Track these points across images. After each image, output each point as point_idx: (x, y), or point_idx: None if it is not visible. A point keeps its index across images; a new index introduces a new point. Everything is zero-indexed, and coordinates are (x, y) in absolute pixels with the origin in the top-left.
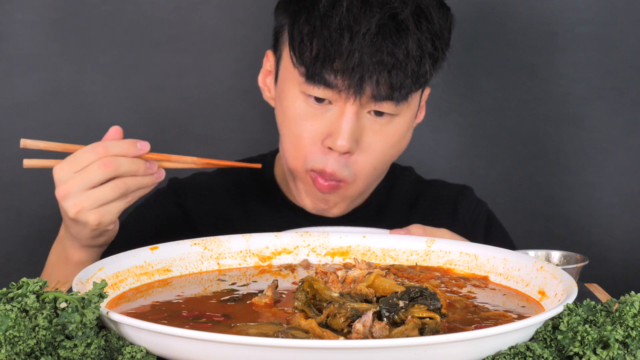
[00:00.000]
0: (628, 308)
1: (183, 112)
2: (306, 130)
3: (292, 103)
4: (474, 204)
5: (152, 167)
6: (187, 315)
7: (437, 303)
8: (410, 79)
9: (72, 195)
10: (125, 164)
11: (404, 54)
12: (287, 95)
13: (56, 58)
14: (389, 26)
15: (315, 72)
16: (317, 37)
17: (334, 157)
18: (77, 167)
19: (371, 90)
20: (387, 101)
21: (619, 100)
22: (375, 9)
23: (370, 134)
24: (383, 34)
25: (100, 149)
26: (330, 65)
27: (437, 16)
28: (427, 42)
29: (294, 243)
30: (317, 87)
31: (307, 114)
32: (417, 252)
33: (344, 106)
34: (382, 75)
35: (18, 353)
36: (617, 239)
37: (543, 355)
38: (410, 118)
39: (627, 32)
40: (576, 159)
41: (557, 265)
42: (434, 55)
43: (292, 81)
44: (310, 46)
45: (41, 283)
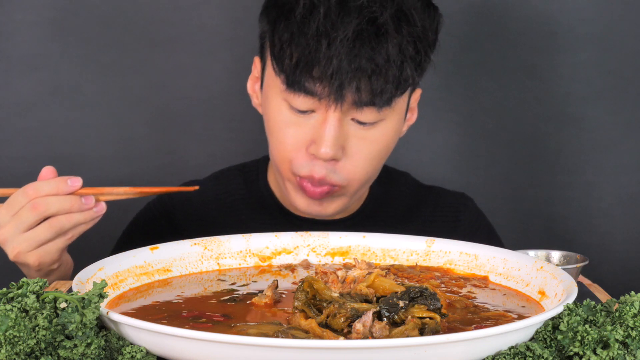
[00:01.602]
0: (628, 308)
1: (183, 112)
2: (290, 138)
3: (276, 111)
4: (475, 216)
5: (89, 202)
6: (187, 315)
7: (437, 303)
8: (391, 84)
9: (10, 239)
10: (56, 203)
11: (384, 59)
12: (270, 103)
13: (56, 58)
14: (367, 31)
15: (295, 80)
16: (295, 44)
17: (320, 164)
18: (12, 211)
19: (352, 96)
20: (369, 107)
21: (619, 100)
22: (353, 13)
23: (354, 140)
24: (361, 39)
25: (31, 191)
26: (309, 72)
27: (420, 17)
28: (408, 46)
29: (294, 243)
30: (298, 95)
31: (291, 121)
32: (417, 252)
33: (326, 113)
34: (362, 81)
35: (18, 353)
36: (617, 239)
37: (543, 355)
38: (397, 122)
39: (627, 32)
40: (576, 159)
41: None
42: (416, 59)
43: (275, 89)
44: (289, 53)
45: (41, 283)
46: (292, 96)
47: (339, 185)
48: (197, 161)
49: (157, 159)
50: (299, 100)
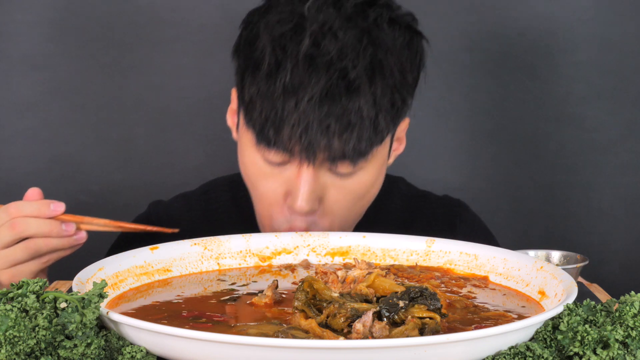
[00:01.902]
0: (628, 308)
1: (183, 112)
2: (268, 191)
3: (250, 162)
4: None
5: (69, 229)
6: (187, 315)
7: (437, 303)
8: (364, 140)
9: None
10: (35, 225)
11: (356, 116)
12: (245, 153)
13: (56, 58)
14: (338, 87)
15: (264, 137)
16: (262, 100)
17: (299, 217)
18: None
19: (323, 155)
20: (343, 161)
21: (619, 100)
22: (322, 69)
23: (332, 190)
24: (331, 96)
25: (13, 210)
26: (278, 131)
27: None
28: (383, 99)
29: (294, 243)
30: (270, 150)
31: (266, 173)
32: (417, 252)
33: (300, 168)
34: (333, 140)
35: (18, 353)
36: (617, 239)
37: (543, 355)
38: (378, 168)
39: (627, 32)
40: (576, 159)
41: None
42: (392, 111)
43: (247, 138)
44: (258, 109)
45: (41, 283)
46: (265, 150)
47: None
48: (197, 161)
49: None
50: (271, 154)
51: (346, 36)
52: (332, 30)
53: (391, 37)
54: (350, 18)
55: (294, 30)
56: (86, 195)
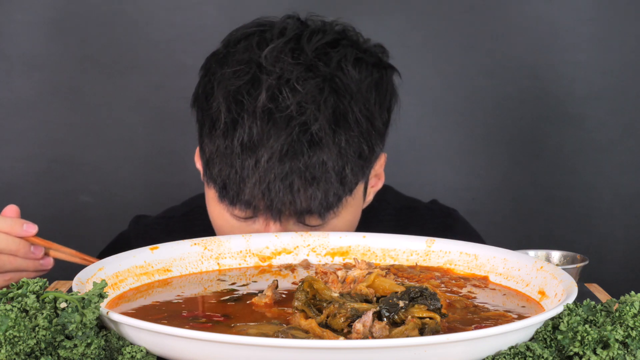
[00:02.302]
0: (628, 308)
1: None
2: None
3: (217, 217)
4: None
5: (37, 253)
6: (187, 315)
7: (437, 303)
8: (331, 194)
9: None
10: (4, 242)
11: (320, 170)
12: (211, 207)
13: (56, 58)
14: (299, 142)
15: (226, 195)
16: (221, 158)
17: None
18: None
19: (289, 211)
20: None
21: (619, 100)
22: (281, 125)
23: None
24: (293, 152)
25: None
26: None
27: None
28: (349, 150)
29: (294, 243)
30: (234, 207)
31: (233, 227)
32: (417, 252)
33: (268, 223)
34: (297, 197)
35: (18, 353)
36: (617, 239)
37: (543, 355)
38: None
39: (627, 32)
40: (576, 159)
41: (557, 265)
42: (359, 161)
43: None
44: (218, 166)
45: (41, 283)
46: (228, 206)
47: None
48: None
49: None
50: (236, 210)
51: (305, 87)
52: (289, 83)
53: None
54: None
55: (251, 83)
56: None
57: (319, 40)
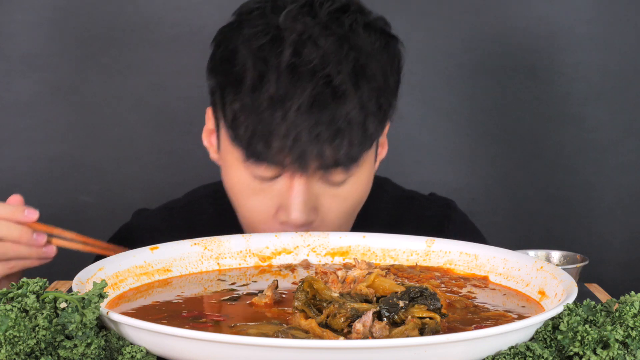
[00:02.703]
0: (628, 308)
1: (183, 112)
2: (257, 207)
3: (236, 180)
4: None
5: (39, 239)
6: (187, 315)
7: (437, 303)
8: (355, 145)
9: None
10: (5, 228)
11: (345, 122)
12: (230, 171)
13: (56, 58)
14: (324, 94)
15: (253, 153)
16: (248, 116)
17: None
18: None
19: (316, 163)
20: (335, 169)
21: (619, 100)
22: (306, 78)
23: (325, 198)
24: (319, 104)
25: None
26: (267, 144)
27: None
28: (369, 102)
29: (294, 243)
30: (259, 165)
31: (254, 190)
32: (417, 252)
33: (291, 180)
34: (324, 147)
35: (18, 353)
36: (617, 239)
37: (543, 355)
38: (368, 173)
39: (627, 32)
40: (576, 159)
41: (557, 265)
42: (378, 114)
43: (233, 156)
44: (244, 124)
45: (41, 283)
46: (254, 166)
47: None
48: (197, 161)
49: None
50: (261, 169)
51: (327, 43)
52: (311, 38)
53: (369, 42)
54: (327, 25)
55: (273, 42)
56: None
57: (330, 6)
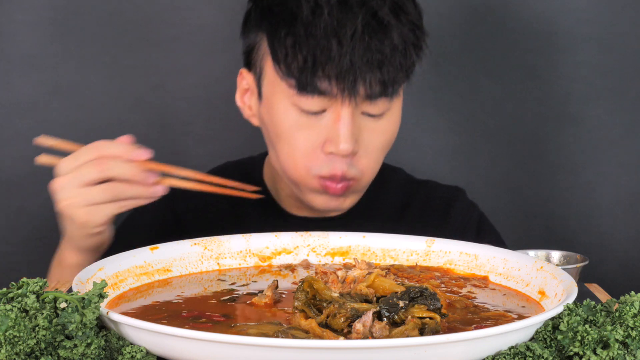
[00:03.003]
0: (628, 308)
1: (183, 112)
2: (303, 141)
3: (284, 117)
4: (466, 207)
5: (150, 178)
6: (187, 315)
7: (437, 303)
8: (400, 72)
9: (65, 189)
10: (118, 167)
11: (390, 49)
12: (277, 110)
13: (56, 58)
14: (372, 24)
15: (306, 82)
16: (303, 47)
17: (339, 160)
18: (76, 163)
19: (365, 90)
20: (380, 98)
21: (619, 100)
22: (355, 9)
23: (367, 132)
24: (368, 32)
25: (97, 149)
26: (321, 72)
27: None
28: (408, 34)
29: (294, 243)
30: (311, 96)
31: (302, 124)
32: (417, 252)
33: (339, 110)
34: (374, 73)
35: (18, 353)
36: (617, 239)
37: (543, 355)
38: (399, 111)
39: (627, 32)
40: (576, 159)
41: (557, 265)
42: (416, 45)
43: (280, 95)
44: (297, 57)
45: (41, 283)
46: (303, 99)
47: (356, 178)
48: (197, 161)
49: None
50: (310, 102)
51: None
52: None
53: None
54: None
55: None
56: None
57: None
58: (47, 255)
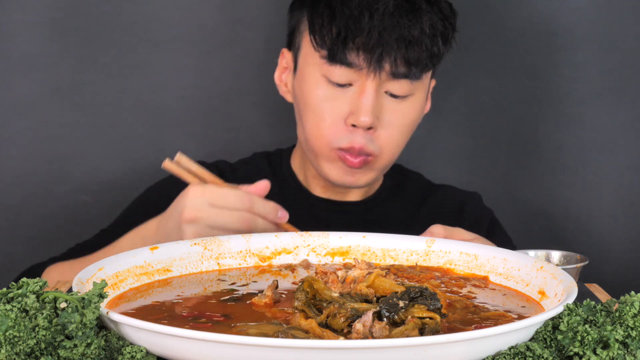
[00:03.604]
0: (628, 308)
1: (183, 112)
2: (329, 111)
3: (313, 87)
4: (479, 209)
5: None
6: (187, 315)
7: (437, 303)
8: (425, 54)
9: (199, 225)
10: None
11: (419, 31)
12: (308, 81)
13: (56, 58)
14: (404, 6)
15: (337, 52)
16: (337, 18)
17: (360, 134)
18: (215, 202)
19: (390, 66)
20: (403, 79)
21: (619, 100)
22: None
23: (388, 112)
24: (399, 12)
25: (247, 203)
26: (351, 43)
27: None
28: (438, 22)
29: (294, 243)
30: (339, 66)
31: (329, 95)
32: (417, 252)
33: (364, 84)
34: (400, 51)
35: (18, 353)
36: (617, 239)
37: (543, 355)
38: (423, 99)
39: (627, 32)
40: (576, 159)
41: (557, 265)
42: (444, 35)
43: (313, 67)
44: (331, 27)
45: (41, 283)
46: (332, 69)
47: (374, 154)
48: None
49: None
50: (338, 73)
51: None
52: None
53: None
54: None
55: None
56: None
57: None
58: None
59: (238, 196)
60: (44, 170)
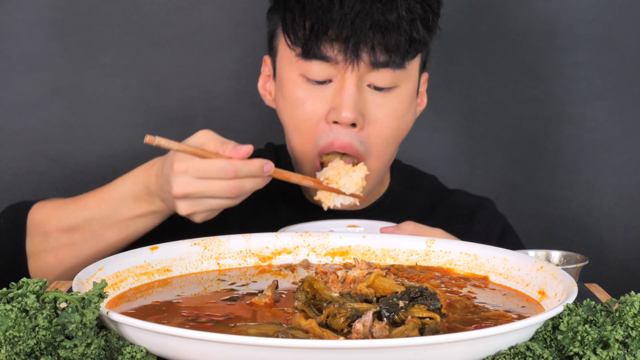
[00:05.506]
0: (628, 308)
1: (183, 112)
2: (309, 111)
3: (291, 88)
4: (492, 216)
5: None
6: (187, 315)
7: (437, 303)
8: (404, 40)
9: (190, 199)
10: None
11: (395, 16)
12: (286, 82)
13: (56, 58)
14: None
15: (311, 46)
16: (308, 11)
17: (343, 131)
18: (202, 175)
19: (368, 56)
20: (384, 68)
21: (619, 100)
22: None
23: (373, 106)
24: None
25: (230, 172)
26: (324, 35)
27: None
28: (416, 5)
29: (294, 243)
30: (315, 62)
31: (308, 95)
32: (417, 252)
33: (343, 78)
34: (377, 38)
35: (18, 353)
36: (617, 239)
37: (543, 355)
38: (411, 90)
39: (627, 32)
40: (576, 159)
41: (557, 265)
42: (424, 19)
43: (290, 67)
44: (303, 22)
45: (41, 283)
46: (309, 66)
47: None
48: None
49: None
50: (315, 69)
51: None
52: None
53: None
54: None
55: None
56: None
57: None
58: None
59: (221, 167)
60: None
